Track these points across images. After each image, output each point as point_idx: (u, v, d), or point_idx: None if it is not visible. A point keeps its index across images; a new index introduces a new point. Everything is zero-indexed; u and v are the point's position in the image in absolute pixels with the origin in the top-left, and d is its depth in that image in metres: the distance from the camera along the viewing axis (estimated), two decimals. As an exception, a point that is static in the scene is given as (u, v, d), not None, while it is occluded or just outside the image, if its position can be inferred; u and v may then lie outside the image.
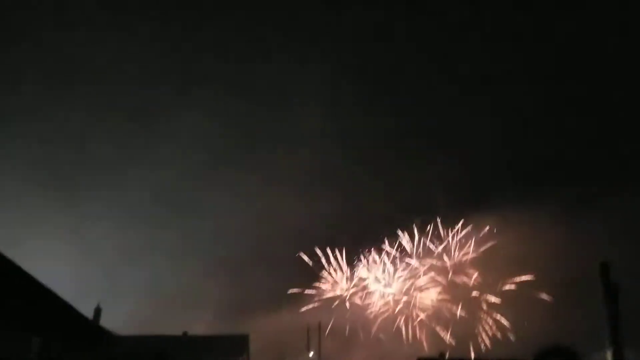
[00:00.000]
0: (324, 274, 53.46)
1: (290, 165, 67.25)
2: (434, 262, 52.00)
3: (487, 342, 44.37)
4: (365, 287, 53.39)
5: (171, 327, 45.96)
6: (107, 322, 33.24)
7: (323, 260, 52.84)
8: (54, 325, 15.76)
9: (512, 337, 43.71)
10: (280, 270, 61.01)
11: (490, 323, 46.05)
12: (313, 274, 55.29)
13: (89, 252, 58.89)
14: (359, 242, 54.11)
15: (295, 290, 51.68)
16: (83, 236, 59.80)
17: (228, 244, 64.00)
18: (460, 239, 51.06)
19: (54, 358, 15.38)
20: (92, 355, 18.96)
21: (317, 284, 53.03)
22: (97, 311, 33.45)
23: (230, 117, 71.33)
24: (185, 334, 42.10)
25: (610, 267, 16.93)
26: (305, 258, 52.60)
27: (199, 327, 46.81)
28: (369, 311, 52.49)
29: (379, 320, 51.63)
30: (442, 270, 51.77)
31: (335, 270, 53.72)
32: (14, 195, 59.27)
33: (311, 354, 45.72)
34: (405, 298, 51.53)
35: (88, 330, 20.29)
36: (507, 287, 46.33)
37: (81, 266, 55.98)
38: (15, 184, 58.97)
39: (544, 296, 44.01)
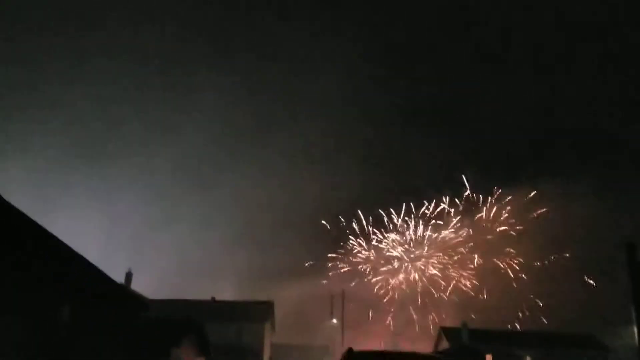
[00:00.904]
0: (352, 240, 53.98)
1: (310, 140, 67.52)
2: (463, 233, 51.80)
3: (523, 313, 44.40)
4: (391, 256, 53.81)
5: (199, 292, 47.46)
6: (138, 286, 34.54)
7: (354, 226, 53.31)
8: (84, 290, 16.27)
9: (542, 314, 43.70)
10: (303, 239, 61.96)
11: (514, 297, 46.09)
12: (336, 243, 55.94)
13: (118, 220, 60.83)
14: (383, 212, 54.37)
15: (332, 255, 52.39)
16: (112, 205, 61.70)
17: (252, 213, 65.14)
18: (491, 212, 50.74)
19: (84, 322, 15.93)
20: (123, 319, 19.64)
21: (343, 252, 53.68)
22: (128, 276, 34.69)
23: (252, 92, 71.61)
24: (213, 299, 43.37)
25: (636, 247, 16.66)
26: (329, 225, 53.10)
27: (227, 293, 48.10)
28: (394, 279, 52.97)
29: (403, 286, 52.11)
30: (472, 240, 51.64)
31: (363, 237, 54.19)
32: (48, 165, 61.22)
33: (334, 320, 46.38)
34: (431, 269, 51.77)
35: (118, 295, 20.93)
36: (539, 262, 46.15)
37: (111, 233, 57.91)
38: (52, 154, 60.89)
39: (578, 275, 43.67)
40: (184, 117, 69.00)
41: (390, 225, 53.75)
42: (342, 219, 53.61)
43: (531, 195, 48.26)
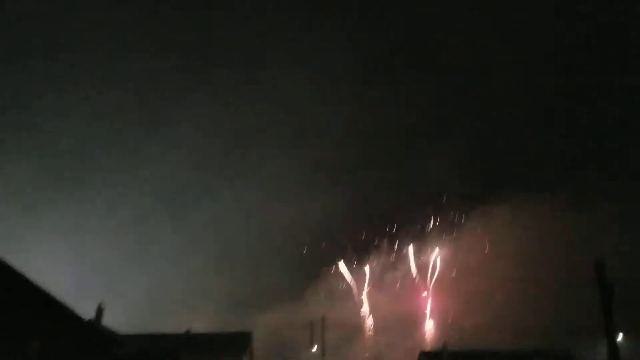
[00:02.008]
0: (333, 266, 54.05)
1: (290, 164, 67.73)
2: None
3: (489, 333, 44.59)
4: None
5: (174, 325, 46.33)
6: (110, 321, 33.52)
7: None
8: (52, 328, 15.81)
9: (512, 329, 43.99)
10: (281, 266, 61.46)
11: (491, 315, 46.30)
12: (316, 269, 55.82)
13: (89, 252, 59.30)
14: (366, 234, 54.68)
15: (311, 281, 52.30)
16: (83, 236, 60.22)
17: (227, 243, 64.46)
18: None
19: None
20: (94, 356, 19.06)
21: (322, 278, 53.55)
22: (99, 310, 33.62)
23: (231, 117, 71.81)
24: (188, 331, 42.27)
25: (605, 265, 16.99)
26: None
27: (202, 325, 47.05)
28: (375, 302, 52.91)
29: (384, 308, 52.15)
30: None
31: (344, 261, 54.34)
32: (17, 194, 59.70)
33: (315, 348, 45.79)
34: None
35: (88, 331, 20.36)
36: (508, 280, 46.62)
37: (82, 265, 56.41)
38: (18, 182, 59.38)
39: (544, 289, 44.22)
40: (157, 145, 68.35)
41: (371, 250, 54.04)
42: (322, 244, 53.68)
43: (507, 213, 49.02)
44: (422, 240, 53.38)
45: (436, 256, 52.96)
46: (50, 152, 64.90)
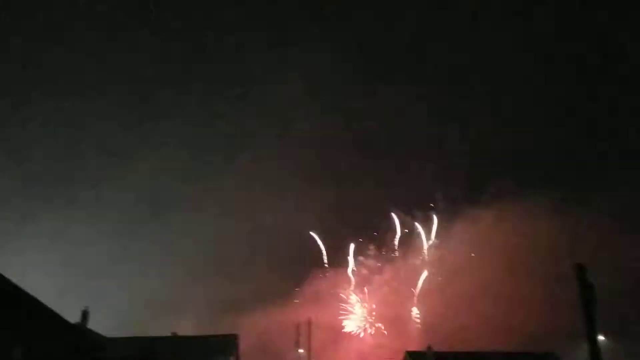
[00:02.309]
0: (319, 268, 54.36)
1: (276, 166, 67.78)
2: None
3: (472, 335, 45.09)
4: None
5: (160, 328, 46.03)
6: (95, 325, 33.30)
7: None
8: (37, 331, 15.76)
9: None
10: (267, 268, 61.45)
11: (476, 317, 46.82)
12: (302, 271, 56.08)
13: (73, 256, 58.74)
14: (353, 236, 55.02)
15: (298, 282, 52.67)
16: (68, 240, 59.63)
17: (212, 245, 64.23)
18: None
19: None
20: (78, 359, 19.01)
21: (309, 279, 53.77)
22: (85, 314, 33.40)
23: (212, 118, 71.64)
24: (174, 334, 42.09)
25: (586, 268, 17.34)
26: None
27: (188, 327, 46.88)
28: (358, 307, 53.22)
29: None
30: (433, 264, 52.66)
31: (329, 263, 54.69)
32: (0, 199, 58.99)
33: (301, 350, 45.86)
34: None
35: (73, 335, 20.28)
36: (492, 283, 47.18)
37: (67, 270, 55.90)
38: (1, 188, 58.68)
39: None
40: (142, 149, 67.86)
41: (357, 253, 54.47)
42: (308, 247, 54.09)
43: (492, 217, 49.63)
44: (408, 244, 53.88)
45: (422, 259, 53.50)
46: (33, 158, 64.27)
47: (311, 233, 55.88)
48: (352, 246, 54.34)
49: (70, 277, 54.91)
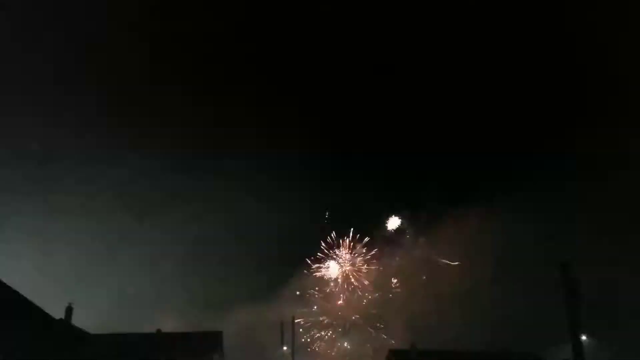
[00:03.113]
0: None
1: (262, 164, 67.77)
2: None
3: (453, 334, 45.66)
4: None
5: (144, 325, 45.74)
6: (80, 321, 33.02)
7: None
8: (22, 327, 15.61)
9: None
10: (251, 266, 61.48)
11: (460, 316, 47.38)
12: (285, 267, 56.42)
13: (57, 253, 58.01)
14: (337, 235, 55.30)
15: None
16: (51, 236, 58.90)
17: (198, 243, 64.03)
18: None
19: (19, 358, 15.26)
20: (64, 355, 18.86)
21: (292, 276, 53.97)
22: (69, 310, 33.08)
23: (202, 115, 71.25)
24: (159, 331, 41.84)
25: (570, 267, 17.67)
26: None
27: (172, 325, 46.65)
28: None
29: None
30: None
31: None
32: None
33: (284, 348, 45.97)
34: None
35: (58, 330, 20.13)
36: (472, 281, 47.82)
37: (49, 266, 55.22)
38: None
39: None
40: (125, 146, 67.18)
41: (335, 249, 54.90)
42: (292, 245, 54.34)
43: (476, 217, 50.17)
44: (392, 243, 54.29)
45: (404, 258, 53.97)
46: (17, 153, 63.26)
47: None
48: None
49: (53, 274, 54.26)
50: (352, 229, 53.94)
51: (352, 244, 54.01)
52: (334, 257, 54.03)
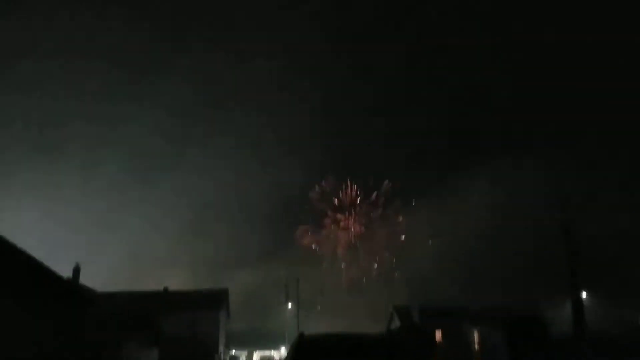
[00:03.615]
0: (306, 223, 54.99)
1: (260, 130, 67.53)
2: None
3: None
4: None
5: (152, 284, 46.70)
6: (88, 281, 33.55)
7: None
8: (29, 286, 15.81)
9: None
10: (254, 225, 62.00)
11: (462, 274, 47.91)
12: (288, 228, 56.76)
13: (65, 213, 58.68)
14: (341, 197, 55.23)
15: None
16: (59, 197, 59.50)
17: (203, 202, 64.49)
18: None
19: (28, 317, 15.51)
20: (70, 313, 19.16)
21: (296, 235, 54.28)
22: (76, 270, 33.55)
23: (206, 80, 70.42)
24: (165, 289, 42.61)
25: (571, 223, 17.70)
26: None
27: (180, 282, 47.52)
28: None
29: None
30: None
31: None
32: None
33: (289, 305, 46.74)
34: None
35: (66, 290, 20.39)
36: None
37: (58, 227, 55.93)
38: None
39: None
40: (130, 107, 67.18)
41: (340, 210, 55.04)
42: (297, 206, 54.59)
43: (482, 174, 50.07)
44: (395, 205, 54.39)
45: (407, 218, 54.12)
46: (27, 119, 63.31)
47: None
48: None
49: (62, 234, 55.08)
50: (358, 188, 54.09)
51: (357, 198, 54.05)
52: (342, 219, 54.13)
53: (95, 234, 58.99)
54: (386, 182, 54.48)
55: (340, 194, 54.73)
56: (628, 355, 21.94)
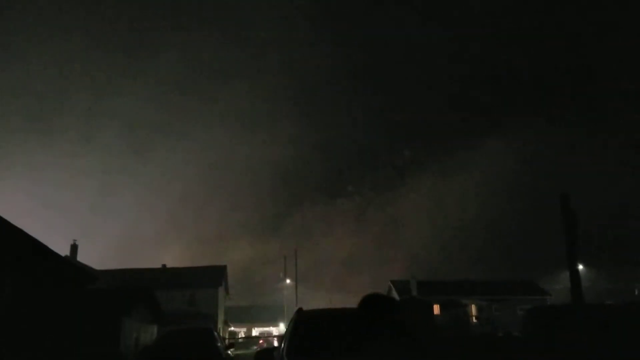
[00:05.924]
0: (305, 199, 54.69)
1: (261, 100, 66.91)
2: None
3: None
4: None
5: (150, 261, 46.90)
6: (86, 258, 33.66)
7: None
8: (25, 264, 15.74)
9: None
10: (252, 200, 61.96)
11: (458, 248, 48.14)
12: (287, 203, 56.62)
13: (61, 192, 58.55)
14: (338, 173, 55.08)
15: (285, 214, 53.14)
16: (54, 176, 59.29)
17: (197, 179, 64.34)
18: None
19: (27, 296, 15.48)
20: (69, 292, 19.18)
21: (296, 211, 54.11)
22: (74, 248, 33.64)
23: (200, 53, 69.40)
24: (164, 266, 42.82)
25: (569, 198, 17.66)
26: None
27: (177, 260, 47.73)
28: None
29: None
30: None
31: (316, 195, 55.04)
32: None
33: (287, 280, 47.12)
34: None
35: (63, 267, 20.35)
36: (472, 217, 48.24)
37: (54, 205, 55.86)
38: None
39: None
40: (127, 80, 66.42)
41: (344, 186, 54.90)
42: (294, 181, 54.39)
43: (481, 147, 49.85)
44: (393, 182, 54.28)
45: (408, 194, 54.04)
46: (21, 93, 62.60)
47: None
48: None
49: (57, 211, 55.01)
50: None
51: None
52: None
53: (91, 212, 59.05)
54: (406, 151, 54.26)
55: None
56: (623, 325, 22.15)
